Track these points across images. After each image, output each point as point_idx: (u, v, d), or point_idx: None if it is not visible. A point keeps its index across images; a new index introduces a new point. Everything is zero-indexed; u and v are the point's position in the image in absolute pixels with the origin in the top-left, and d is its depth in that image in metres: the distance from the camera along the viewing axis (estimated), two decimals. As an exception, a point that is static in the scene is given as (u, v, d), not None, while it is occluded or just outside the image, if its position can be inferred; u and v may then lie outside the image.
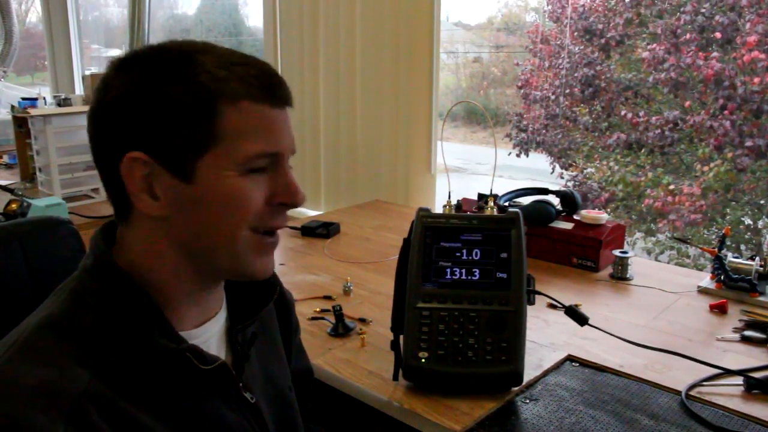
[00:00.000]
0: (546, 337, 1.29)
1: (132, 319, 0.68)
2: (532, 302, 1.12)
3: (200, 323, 0.76)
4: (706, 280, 1.54)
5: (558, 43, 4.53)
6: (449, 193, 1.25)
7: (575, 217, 1.74)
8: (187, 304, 0.74)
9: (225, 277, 0.77)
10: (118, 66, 0.69)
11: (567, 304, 1.18)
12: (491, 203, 1.21)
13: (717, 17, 3.59)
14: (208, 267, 0.72)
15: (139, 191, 0.68)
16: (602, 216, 1.69)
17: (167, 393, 0.69)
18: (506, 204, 1.72)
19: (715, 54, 3.57)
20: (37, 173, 2.53)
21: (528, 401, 1.08)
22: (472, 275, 1.12)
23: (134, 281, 0.70)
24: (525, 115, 4.70)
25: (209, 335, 0.77)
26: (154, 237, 0.70)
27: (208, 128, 0.66)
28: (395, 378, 1.12)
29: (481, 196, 1.69)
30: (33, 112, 2.42)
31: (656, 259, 3.96)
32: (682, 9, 3.76)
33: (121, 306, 0.68)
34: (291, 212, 3.07)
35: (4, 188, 2.25)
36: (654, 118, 3.90)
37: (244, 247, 0.71)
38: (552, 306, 1.41)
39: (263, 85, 0.69)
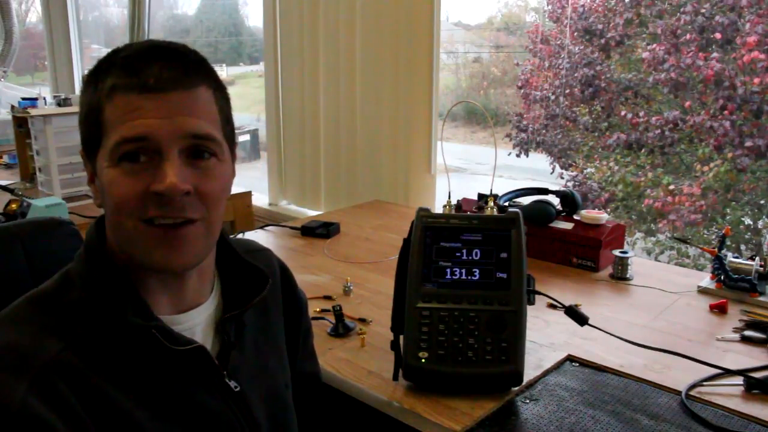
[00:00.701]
0: (546, 337, 1.29)
1: (110, 298, 0.71)
2: (532, 302, 1.12)
3: (183, 310, 0.78)
4: (706, 280, 1.54)
5: (558, 43, 4.53)
6: (449, 193, 1.25)
7: (575, 217, 1.74)
8: (160, 290, 0.76)
9: (147, 268, 0.74)
10: (83, 78, 0.76)
11: (567, 304, 1.18)
12: (491, 203, 1.21)
13: (717, 17, 3.59)
14: (128, 255, 0.73)
15: (89, 183, 0.77)
16: (602, 216, 1.69)
17: (139, 371, 0.71)
18: (506, 204, 1.72)
19: (715, 54, 3.56)
20: (37, 173, 2.53)
21: (528, 401, 1.08)
22: (472, 275, 1.12)
23: (115, 264, 0.74)
24: (525, 115, 4.70)
25: (194, 323, 0.78)
26: (108, 225, 0.76)
27: (97, 124, 0.70)
28: (395, 378, 1.13)
29: (481, 196, 1.69)
30: (33, 112, 2.42)
31: (656, 259, 3.95)
32: (682, 9, 3.75)
33: (102, 286, 0.72)
34: (291, 212, 3.05)
35: (4, 188, 2.25)
36: (654, 118, 3.90)
37: (137, 237, 0.70)
38: (552, 306, 1.41)
39: (132, 73, 0.69)
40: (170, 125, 0.69)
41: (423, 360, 1.08)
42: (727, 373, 1.13)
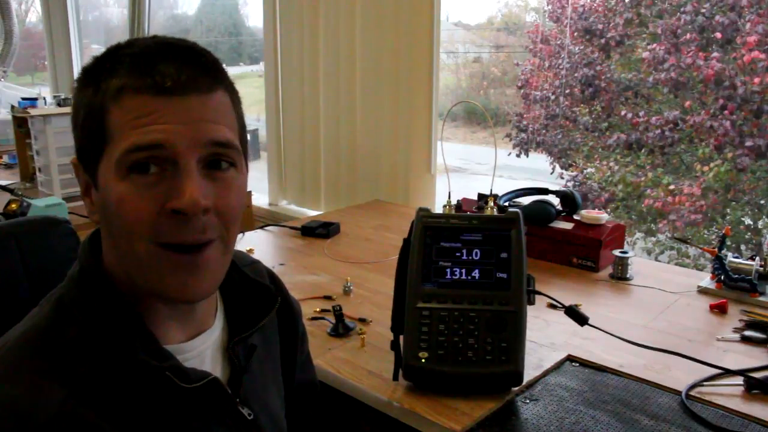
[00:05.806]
0: (546, 337, 1.29)
1: (114, 331, 0.64)
2: (532, 302, 1.12)
3: (191, 336, 0.72)
4: (706, 280, 1.54)
5: (558, 43, 4.53)
6: (449, 193, 1.24)
7: (575, 217, 1.74)
8: (167, 317, 0.69)
9: (157, 296, 0.67)
10: (78, 76, 0.68)
11: (567, 304, 1.18)
12: (491, 203, 1.21)
13: (717, 17, 3.59)
14: (133, 281, 0.66)
15: (82, 195, 0.69)
16: (602, 216, 1.69)
17: (150, 411, 0.64)
18: (506, 204, 1.72)
19: (715, 54, 3.57)
20: (37, 173, 2.53)
21: (528, 401, 1.08)
22: (472, 275, 1.12)
23: (117, 290, 0.67)
24: (525, 115, 4.70)
25: (203, 348, 0.73)
26: (107, 244, 0.68)
27: (100, 129, 0.62)
28: (395, 378, 1.12)
29: (481, 196, 1.69)
30: (33, 112, 2.42)
31: (656, 259, 3.95)
32: (682, 9, 3.76)
33: (103, 317, 0.65)
34: (291, 212, 3.04)
35: (4, 188, 2.25)
36: (654, 118, 3.90)
37: (149, 263, 0.63)
38: (552, 306, 1.41)
39: (144, 72, 0.61)
40: (189, 131, 0.61)
41: (423, 360, 1.08)
42: (727, 373, 1.13)
